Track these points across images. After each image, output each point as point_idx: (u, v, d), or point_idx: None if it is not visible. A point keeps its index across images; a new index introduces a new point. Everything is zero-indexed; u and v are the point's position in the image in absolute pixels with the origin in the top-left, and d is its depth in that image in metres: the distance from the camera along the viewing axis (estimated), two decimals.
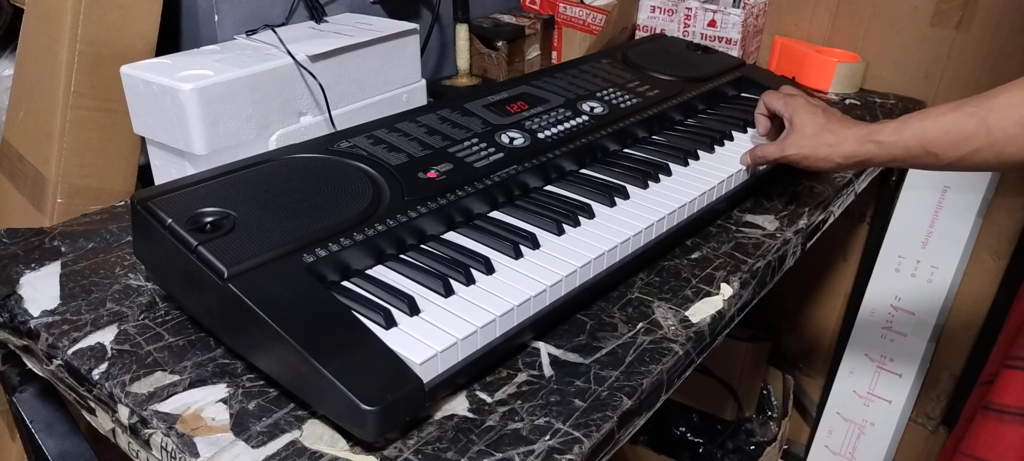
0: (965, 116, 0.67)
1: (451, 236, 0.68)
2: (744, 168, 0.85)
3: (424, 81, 1.06)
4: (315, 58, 0.89)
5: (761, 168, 0.86)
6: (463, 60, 1.23)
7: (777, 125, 0.86)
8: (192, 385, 0.56)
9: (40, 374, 0.66)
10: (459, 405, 0.55)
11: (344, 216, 0.63)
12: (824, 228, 0.88)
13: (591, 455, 0.51)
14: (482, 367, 0.57)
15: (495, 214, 0.72)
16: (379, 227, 0.63)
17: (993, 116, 0.65)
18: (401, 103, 1.03)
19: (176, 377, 0.57)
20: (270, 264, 0.56)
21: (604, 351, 0.60)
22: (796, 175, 0.93)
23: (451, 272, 0.61)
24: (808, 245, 0.85)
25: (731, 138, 0.93)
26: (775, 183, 0.90)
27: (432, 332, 0.54)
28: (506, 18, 1.33)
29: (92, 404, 0.59)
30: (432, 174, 0.71)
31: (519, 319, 0.59)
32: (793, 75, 1.24)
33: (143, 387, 0.56)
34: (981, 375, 1.04)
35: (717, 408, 1.50)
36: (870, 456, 1.37)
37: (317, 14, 1.04)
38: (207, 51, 0.89)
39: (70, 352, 0.60)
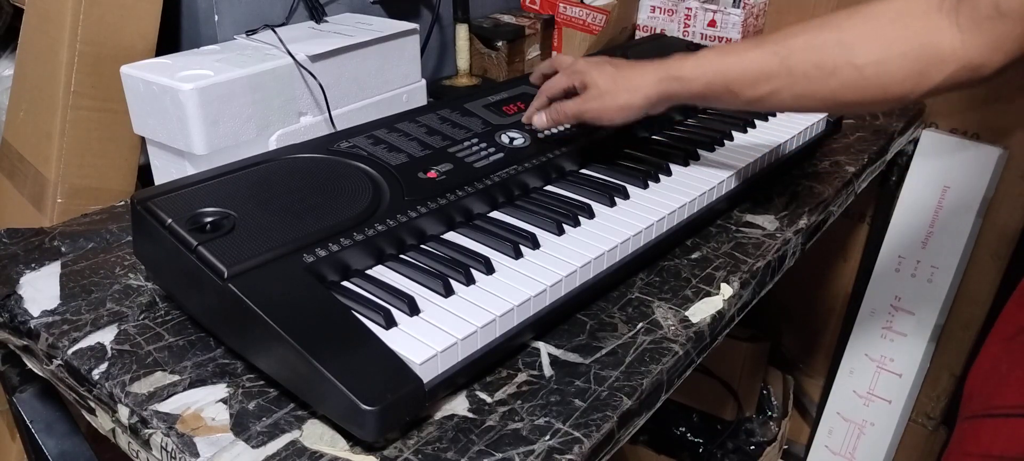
0: (767, 54, 0.66)
1: (451, 236, 0.68)
2: (540, 128, 0.80)
3: (424, 81, 1.07)
4: (315, 58, 0.89)
5: (561, 128, 0.81)
6: (463, 60, 1.23)
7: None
8: (192, 385, 0.56)
9: (40, 374, 0.66)
10: (459, 405, 0.55)
11: (344, 216, 0.63)
12: (824, 228, 0.88)
13: (591, 455, 0.51)
14: (482, 367, 0.57)
15: (495, 214, 0.72)
16: (379, 227, 0.63)
17: (795, 57, 0.64)
18: (401, 103, 1.03)
19: (176, 377, 0.57)
20: (270, 264, 0.56)
21: (604, 351, 0.60)
22: (796, 174, 0.93)
23: (451, 272, 0.61)
24: (808, 245, 0.85)
25: (731, 138, 0.93)
26: (775, 183, 0.90)
27: (432, 332, 0.54)
28: (506, 18, 1.33)
29: (92, 404, 0.59)
30: (432, 174, 0.71)
31: (519, 319, 0.59)
32: None
33: (143, 387, 0.56)
34: (979, 402, 1.01)
35: (717, 408, 1.50)
36: (870, 456, 1.37)
37: (317, 14, 1.04)
38: (207, 51, 0.89)
39: (70, 352, 0.60)
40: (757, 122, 0.98)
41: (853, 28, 0.63)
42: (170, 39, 1.01)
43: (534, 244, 0.66)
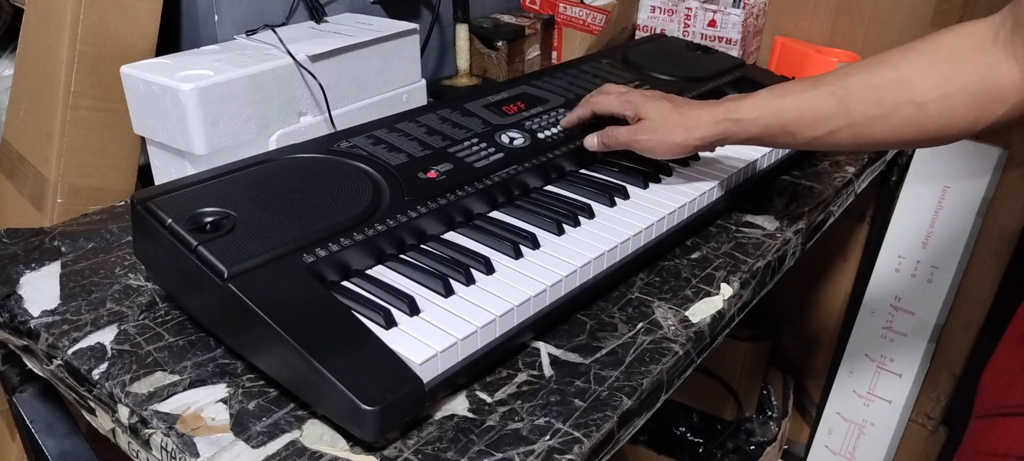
0: (824, 95, 0.65)
1: (451, 236, 0.68)
2: (592, 149, 0.80)
3: (424, 81, 1.07)
4: (315, 58, 0.89)
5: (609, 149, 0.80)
6: (463, 60, 1.23)
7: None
8: (192, 385, 0.56)
9: (40, 374, 0.66)
10: (459, 405, 0.55)
11: (344, 216, 0.63)
12: (824, 228, 0.88)
13: (591, 455, 0.51)
14: (482, 367, 0.57)
15: (495, 214, 0.72)
16: (379, 227, 0.63)
17: (852, 97, 0.63)
18: (401, 103, 1.03)
19: (176, 377, 0.57)
20: (270, 264, 0.56)
21: (604, 351, 0.60)
22: (796, 174, 0.93)
23: (451, 272, 0.61)
24: (808, 245, 0.85)
25: None
26: (775, 183, 0.90)
27: (432, 332, 0.54)
28: (506, 18, 1.33)
29: (92, 404, 0.59)
30: (432, 174, 0.71)
31: (519, 319, 0.59)
32: (793, 75, 1.24)
33: (143, 387, 0.56)
34: (991, 400, 1.00)
35: (717, 408, 1.50)
36: (870, 456, 1.37)
37: (317, 14, 1.04)
38: (207, 51, 0.89)
39: (70, 352, 0.60)
40: None
41: (910, 65, 0.62)
42: (170, 39, 1.01)
43: (534, 244, 0.66)
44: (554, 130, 0.83)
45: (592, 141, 0.80)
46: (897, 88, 0.62)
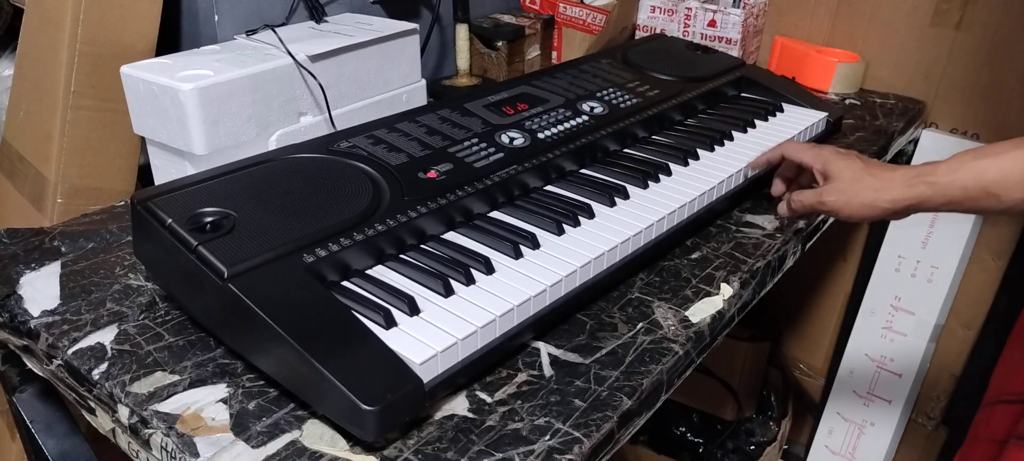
0: None
1: (451, 236, 0.68)
2: (783, 214, 0.79)
3: (424, 81, 1.06)
4: (315, 58, 0.89)
5: (797, 216, 0.79)
6: (463, 60, 1.23)
7: (799, 178, 0.82)
8: (192, 385, 0.56)
9: (40, 374, 0.66)
10: (459, 405, 0.55)
11: (344, 216, 0.63)
12: (824, 228, 0.88)
13: (591, 455, 0.51)
14: (482, 367, 0.57)
15: (495, 214, 0.72)
16: (379, 227, 0.63)
17: None
18: (401, 103, 1.03)
19: (176, 377, 0.57)
20: (270, 264, 0.56)
21: (604, 351, 0.60)
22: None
23: (451, 272, 0.61)
24: (808, 245, 0.85)
25: (731, 138, 0.93)
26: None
27: (432, 332, 0.54)
28: (506, 18, 1.33)
29: (92, 404, 0.59)
30: (432, 174, 0.71)
31: (519, 319, 0.59)
32: (793, 75, 1.24)
33: (143, 387, 0.56)
34: (991, 388, 1.02)
35: (717, 408, 1.50)
36: (870, 456, 1.37)
37: (317, 14, 1.04)
38: (207, 51, 0.89)
39: (70, 352, 0.60)
40: (757, 122, 0.98)
41: None
42: (170, 39, 1.01)
43: (534, 244, 0.66)
44: (554, 130, 0.83)
45: (783, 209, 0.79)
46: None
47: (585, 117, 0.87)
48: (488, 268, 0.62)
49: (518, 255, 0.65)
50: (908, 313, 1.27)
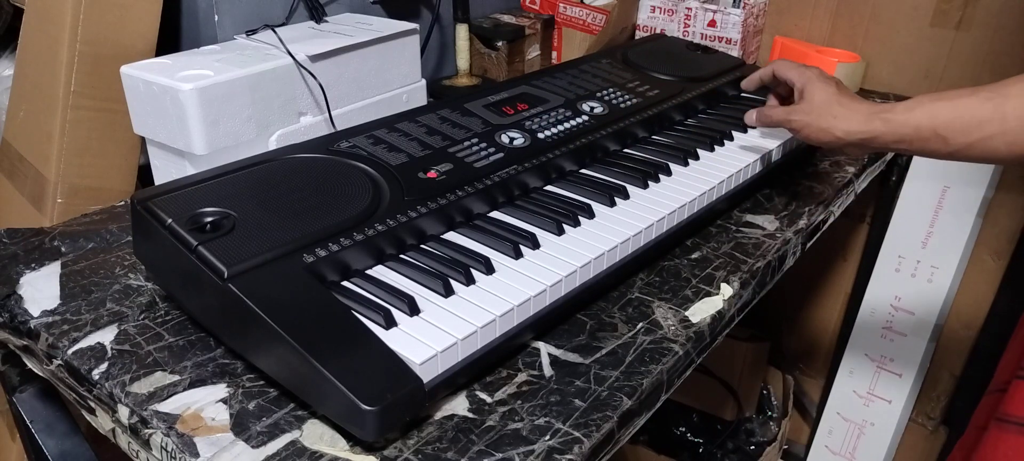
0: (981, 101, 0.65)
1: (451, 236, 0.68)
2: (750, 125, 0.82)
3: (424, 81, 1.07)
4: (315, 58, 0.89)
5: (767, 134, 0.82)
6: (463, 60, 1.23)
7: (782, 96, 0.84)
8: (192, 385, 0.56)
9: (40, 374, 0.66)
10: (459, 405, 0.55)
11: (344, 216, 0.63)
12: (824, 228, 0.88)
13: (591, 455, 0.51)
14: (482, 367, 0.57)
15: (495, 214, 0.72)
16: (379, 227, 0.63)
17: (1010, 103, 0.63)
18: (401, 103, 1.03)
19: (176, 377, 0.57)
20: (270, 264, 0.56)
21: (604, 351, 0.60)
22: (796, 174, 0.93)
23: (451, 272, 0.61)
24: (808, 245, 0.85)
25: (731, 138, 0.93)
26: (775, 183, 0.90)
27: (432, 332, 0.54)
28: (506, 18, 1.33)
29: (92, 404, 0.59)
30: (432, 174, 0.71)
31: (519, 319, 0.59)
32: None
33: (143, 387, 0.56)
34: (991, 382, 1.04)
35: (717, 408, 1.50)
36: (870, 456, 1.37)
37: (317, 14, 1.04)
38: (207, 51, 0.89)
39: (70, 352, 0.60)
40: None
41: None
42: (170, 39, 1.01)
43: (534, 244, 0.66)
44: (554, 130, 0.83)
45: (751, 116, 0.81)
46: None
47: (585, 117, 0.87)
48: (488, 268, 0.62)
49: (518, 255, 0.65)
50: (908, 313, 1.27)
